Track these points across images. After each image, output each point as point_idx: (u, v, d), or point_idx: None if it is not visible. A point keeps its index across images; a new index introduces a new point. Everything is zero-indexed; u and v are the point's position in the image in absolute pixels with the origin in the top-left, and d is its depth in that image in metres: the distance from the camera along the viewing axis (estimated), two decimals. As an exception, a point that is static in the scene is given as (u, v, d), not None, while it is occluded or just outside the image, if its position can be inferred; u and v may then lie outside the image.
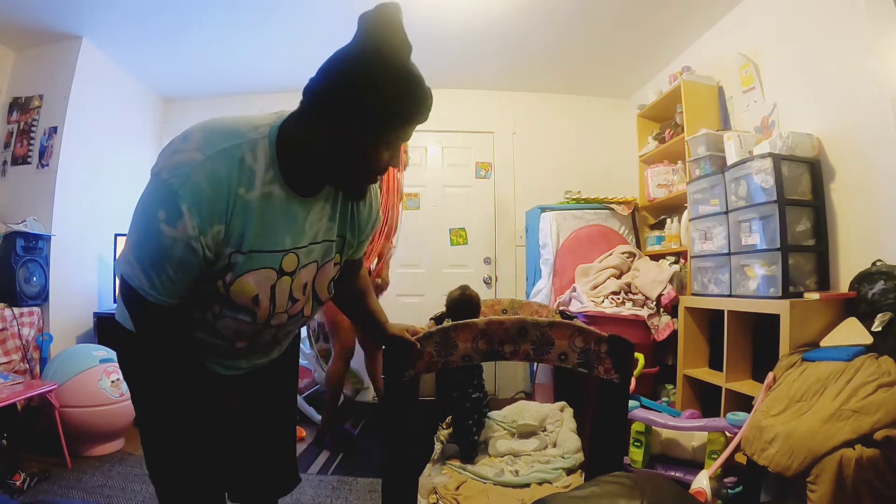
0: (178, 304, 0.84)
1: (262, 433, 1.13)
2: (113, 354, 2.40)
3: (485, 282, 3.71)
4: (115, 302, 2.98)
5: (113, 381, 2.28)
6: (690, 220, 2.57)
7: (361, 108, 0.76)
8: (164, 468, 0.99)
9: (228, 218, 0.79)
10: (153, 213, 0.76)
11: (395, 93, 0.77)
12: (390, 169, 1.80)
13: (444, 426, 1.99)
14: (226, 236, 0.80)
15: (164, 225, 0.75)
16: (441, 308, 2.16)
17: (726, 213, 2.25)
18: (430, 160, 3.81)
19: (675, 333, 2.59)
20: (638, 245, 3.15)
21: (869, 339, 1.67)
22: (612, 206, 3.14)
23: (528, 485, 1.50)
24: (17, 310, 2.41)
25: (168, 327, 0.86)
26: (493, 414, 2.03)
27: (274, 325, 0.95)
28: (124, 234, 1.00)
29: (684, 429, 1.89)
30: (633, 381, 2.06)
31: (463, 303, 2.00)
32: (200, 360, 0.97)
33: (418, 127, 0.85)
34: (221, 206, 0.78)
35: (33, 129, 2.82)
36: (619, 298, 2.69)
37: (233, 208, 0.79)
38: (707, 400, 2.40)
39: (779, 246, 1.95)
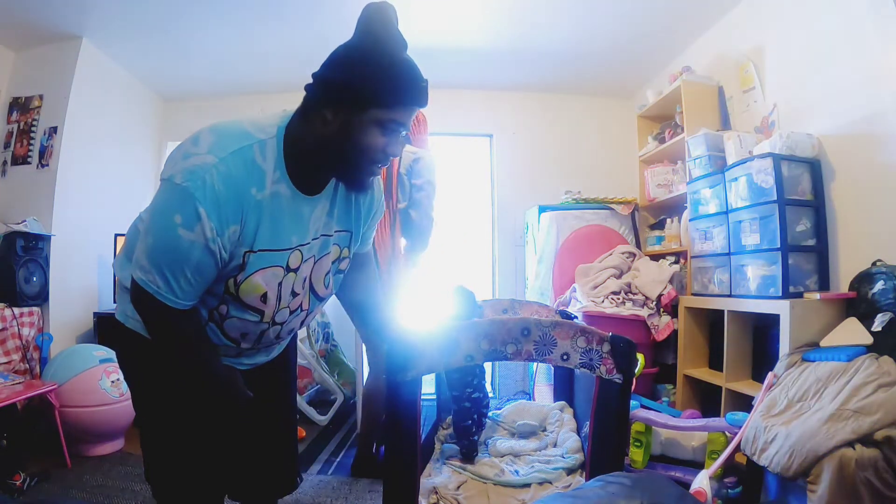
0: (193, 306, 0.85)
1: (263, 432, 1.13)
2: (113, 354, 2.40)
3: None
4: (115, 302, 2.98)
5: (113, 381, 2.28)
6: (690, 220, 2.57)
7: (356, 89, 0.80)
8: (166, 469, 0.99)
9: (242, 218, 0.81)
10: (169, 217, 0.77)
11: (386, 73, 0.81)
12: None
13: (444, 426, 1.99)
14: (240, 236, 0.82)
15: (182, 229, 0.76)
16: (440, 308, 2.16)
17: (726, 213, 2.25)
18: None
19: (675, 333, 2.59)
20: (638, 245, 3.15)
21: (869, 339, 1.67)
22: (612, 206, 3.14)
23: (528, 485, 1.49)
24: (17, 310, 2.40)
25: (186, 329, 0.87)
26: (493, 414, 2.03)
27: (278, 322, 0.96)
28: (124, 234, 1.00)
29: (684, 429, 1.89)
30: (633, 381, 2.06)
31: (462, 302, 1.99)
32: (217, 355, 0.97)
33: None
34: (236, 206, 0.79)
35: (33, 129, 2.81)
36: (619, 298, 2.69)
37: (246, 208, 0.81)
38: (707, 400, 2.40)
39: (779, 246, 1.95)
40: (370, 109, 0.81)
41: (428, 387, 2.78)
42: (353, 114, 0.81)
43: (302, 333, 3.13)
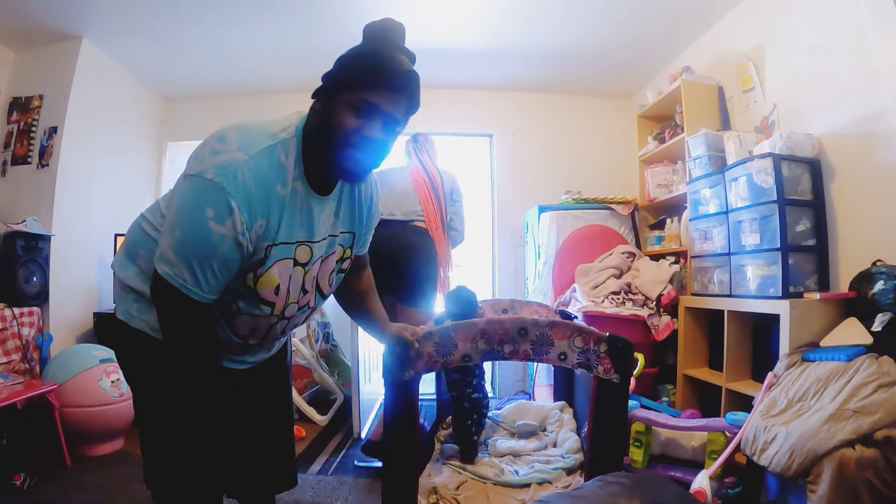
0: (212, 301, 0.87)
1: (260, 429, 1.15)
2: (113, 354, 2.40)
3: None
4: (114, 301, 2.97)
5: (113, 381, 2.28)
6: (690, 220, 2.57)
7: (334, 77, 0.87)
8: (166, 469, 0.99)
9: (268, 213, 0.84)
10: (200, 211, 0.78)
11: (360, 59, 0.86)
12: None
13: (444, 426, 1.99)
14: (265, 230, 0.85)
15: (213, 223, 0.78)
16: (441, 308, 2.16)
17: (726, 213, 2.25)
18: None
19: (675, 333, 2.59)
20: (638, 245, 3.15)
21: (869, 339, 1.67)
22: (612, 206, 3.14)
23: (528, 485, 1.49)
24: (17, 310, 2.40)
25: (202, 326, 0.89)
26: (493, 414, 2.03)
27: (287, 317, 0.99)
28: (124, 234, 1.01)
29: (684, 429, 1.89)
30: (633, 381, 2.06)
31: (460, 302, 2.00)
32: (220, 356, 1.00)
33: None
34: (264, 202, 0.83)
35: (33, 129, 2.81)
36: (619, 298, 2.69)
37: (272, 204, 0.84)
38: (707, 400, 2.40)
39: (779, 246, 1.95)
40: (343, 91, 0.86)
41: (428, 387, 2.78)
42: (330, 98, 0.87)
43: (302, 333, 3.13)
